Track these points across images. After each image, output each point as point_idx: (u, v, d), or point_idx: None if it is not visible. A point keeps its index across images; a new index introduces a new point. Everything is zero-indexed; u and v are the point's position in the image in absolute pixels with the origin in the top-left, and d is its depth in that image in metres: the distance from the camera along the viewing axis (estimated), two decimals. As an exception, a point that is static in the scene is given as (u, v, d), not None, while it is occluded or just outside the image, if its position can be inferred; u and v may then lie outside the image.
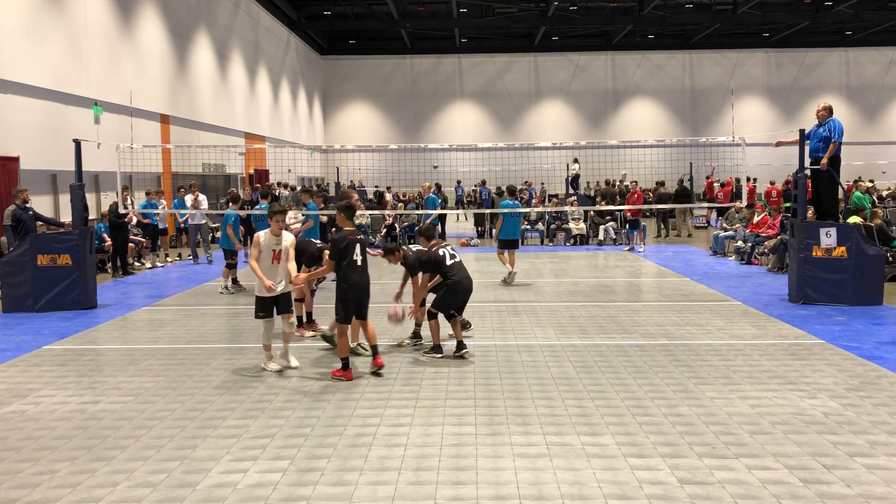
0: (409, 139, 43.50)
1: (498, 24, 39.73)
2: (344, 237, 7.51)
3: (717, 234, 18.96)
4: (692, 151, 33.96)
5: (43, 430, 6.16)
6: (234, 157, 29.01)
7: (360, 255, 7.55)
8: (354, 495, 4.83)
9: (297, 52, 39.46)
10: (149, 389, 7.28)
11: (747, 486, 4.87)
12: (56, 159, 16.47)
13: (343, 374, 7.48)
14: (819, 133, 11.88)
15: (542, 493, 4.82)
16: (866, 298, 11.23)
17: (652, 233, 23.74)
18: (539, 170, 38.85)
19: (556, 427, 6.04)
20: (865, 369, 7.68)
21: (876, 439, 5.69)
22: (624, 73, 45.17)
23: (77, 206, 11.99)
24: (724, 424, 6.05)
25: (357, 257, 7.51)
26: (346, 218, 7.70)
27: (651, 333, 9.56)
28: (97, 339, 9.71)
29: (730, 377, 7.44)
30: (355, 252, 7.50)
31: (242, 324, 10.58)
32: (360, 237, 7.69)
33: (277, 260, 7.88)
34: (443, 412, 6.45)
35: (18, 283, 11.58)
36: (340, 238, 7.52)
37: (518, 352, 8.65)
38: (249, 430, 6.06)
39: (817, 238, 11.36)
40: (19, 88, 15.64)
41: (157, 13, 22.45)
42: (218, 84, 27.62)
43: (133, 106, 18.29)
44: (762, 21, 37.90)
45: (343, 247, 7.47)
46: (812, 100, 43.07)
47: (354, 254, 7.50)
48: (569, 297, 12.62)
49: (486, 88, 45.07)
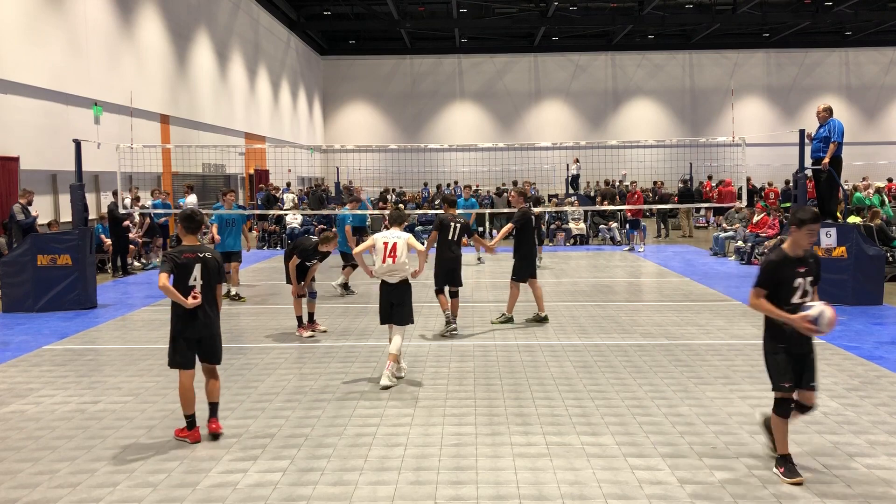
0: (409, 139, 43.47)
1: (498, 24, 39.71)
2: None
3: (718, 235, 18.96)
4: (692, 152, 33.92)
5: (43, 430, 6.16)
6: (234, 157, 29.01)
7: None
8: (354, 495, 4.83)
9: (297, 53, 39.45)
10: (149, 389, 7.28)
11: (747, 486, 4.87)
12: (56, 159, 16.47)
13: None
14: (820, 133, 11.88)
15: (542, 493, 4.82)
16: (866, 298, 11.23)
17: (652, 233, 23.74)
18: (539, 170, 38.84)
19: (556, 427, 6.04)
20: (865, 369, 7.68)
21: (876, 439, 5.69)
22: (624, 73, 45.15)
23: (77, 206, 11.99)
24: (724, 424, 6.05)
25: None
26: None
27: (651, 333, 9.56)
28: (97, 339, 9.71)
29: (730, 377, 7.44)
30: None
31: (242, 324, 10.58)
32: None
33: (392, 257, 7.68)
34: (443, 412, 6.45)
35: (18, 283, 11.58)
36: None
37: (518, 352, 8.65)
38: (249, 430, 6.06)
39: (817, 238, 11.35)
40: (19, 88, 15.64)
41: (157, 13, 22.44)
42: (218, 84, 27.61)
43: (133, 106, 18.28)
44: (762, 21, 37.88)
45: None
46: (812, 100, 43.06)
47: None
48: (569, 297, 12.61)
49: (486, 88, 45.05)
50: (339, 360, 8.33)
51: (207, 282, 5.79)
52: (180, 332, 5.78)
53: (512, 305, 10.40)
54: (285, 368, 8.01)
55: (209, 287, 5.82)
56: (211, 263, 5.80)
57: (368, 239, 7.96)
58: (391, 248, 7.59)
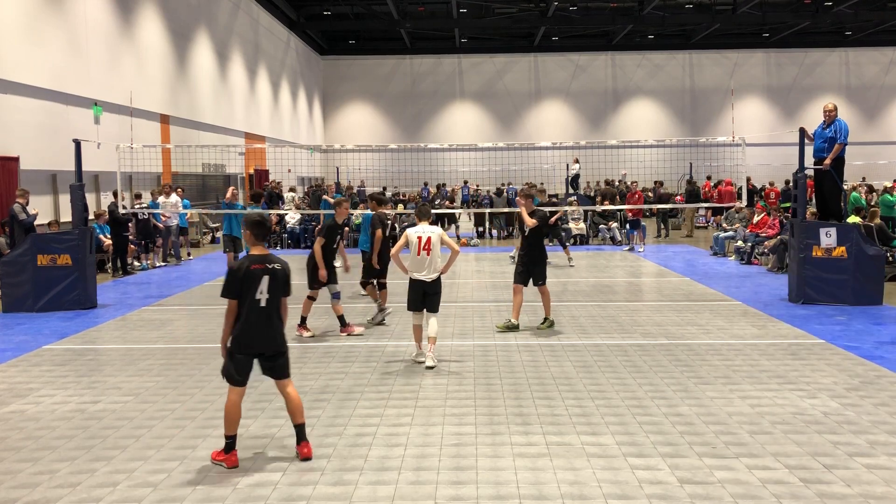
0: (409, 139, 43.46)
1: (498, 24, 39.70)
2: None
3: (718, 235, 18.96)
4: (692, 151, 33.92)
5: (43, 430, 6.16)
6: (234, 157, 29.01)
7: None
8: (354, 495, 4.83)
9: (297, 53, 39.45)
10: (149, 389, 7.28)
11: (747, 486, 4.87)
12: (56, 159, 16.46)
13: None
14: (824, 133, 11.86)
15: (542, 492, 4.82)
16: (866, 298, 11.23)
17: (652, 233, 23.74)
18: (539, 170, 38.84)
19: (556, 427, 6.04)
20: (865, 369, 7.68)
21: (876, 439, 5.69)
22: (624, 73, 45.15)
23: (77, 206, 11.99)
24: (724, 424, 6.05)
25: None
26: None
27: (651, 333, 9.56)
28: (97, 339, 9.71)
29: (730, 377, 7.44)
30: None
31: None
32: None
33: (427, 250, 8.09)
34: (443, 412, 6.45)
35: (18, 283, 11.58)
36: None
37: (518, 352, 8.65)
38: (249, 430, 6.05)
39: (817, 238, 11.35)
40: (19, 88, 15.63)
41: (157, 13, 22.44)
42: (218, 84, 27.61)
43: (133, 106, 18.27)
44: (762, 21, 37.88)
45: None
46: (812, 100, 43.09)
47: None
48: (569, 297, 12.61)
49: (486, 88, 45.05)
50: (339, 360, 8.33)
51: (274, 295, 5.35)
52: (239, 346, 5.32)
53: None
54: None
55: (275, 300, 5.38)
56: (279, 275, 5.37)
57: (402, 237, 8.26)
58: (426, 241, 8.01)
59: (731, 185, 25.79)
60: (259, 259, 5.36)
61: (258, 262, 5.33)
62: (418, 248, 7.99)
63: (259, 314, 5.29)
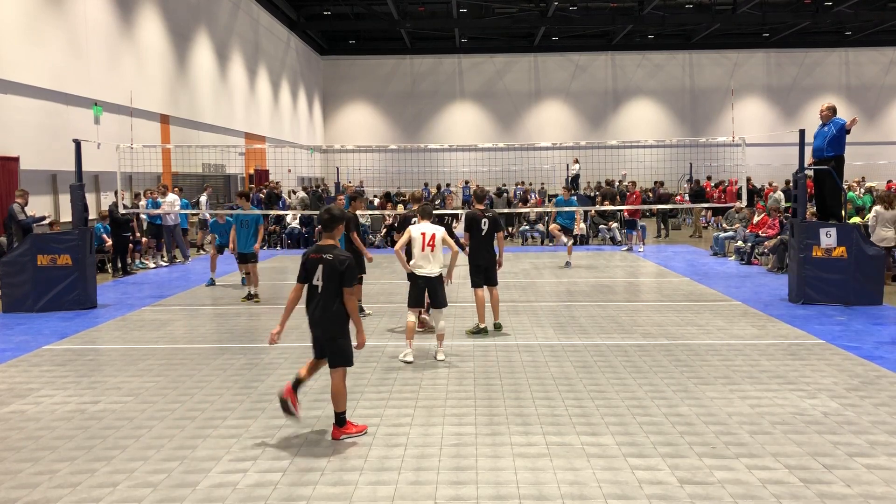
0: (409, 139, 43.47)
1: (498, 24, 39.71)
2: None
3: (718, 235, 18.96)
4: (692, 151, 33.91)
5: (43, 430, 6.16)
6: (234, 157, 29.01)
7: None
8: (354, 495, 4.83)
9: (297, 52, 39.45)
10: (149, 389, 7.28)
11: (747, 486, 4.87)
12: (56, 159, 16.47)
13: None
14: (823, 133, 11.87)
15: (542, 493, 4.82)
16: (866, 298, 11.23)
17: (652, 233, 23.74)
18: (539, 170, 38.85)
19: (556, 427, 6.04)
20: (865, 369, 7.68)
21: (876, 439, 5.69)
22: (624, 73, 45.16)
23: (77, 206, 11.99)
24: (724, 424, 6.05)
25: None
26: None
27: (651, 333, 9.55)
28: (97, 339, 9.71)
29: (730, 377, 7.44)
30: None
31: (242, 324, 10.58)
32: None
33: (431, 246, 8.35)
34: (443, 412, 6.45)
35: (18, 283, 11.58)
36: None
37: (518, 352, 8.65)
38: (249, 430, 6.06)
39: (817, 238, 11.35)
40: (19, 88, 15.64)
41: (157, 13, 22.45)
42: (218, 84, 27.61)
43: (133, 106, 18.28)
44: (762, 21, 37.89)
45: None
46: (812, 100, 43.07)
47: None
48: (569, 297, 12.61)
49: (486, 88, 45.05)
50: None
51: (329, 282, 5.79)
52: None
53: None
54: (285, 368, 8.01)
55: (329, 288, 5.80)
56: (332, 265, 5.79)
57: (404, 234, 8.46)
58: (429, 238, 8.25)
59: (732, 185, 25.82)
60: (317, 249, 5.93)
61: (315, 252, 5.91)
62: (422, 244, 8.25)
63: (317, 299, 5.84)
